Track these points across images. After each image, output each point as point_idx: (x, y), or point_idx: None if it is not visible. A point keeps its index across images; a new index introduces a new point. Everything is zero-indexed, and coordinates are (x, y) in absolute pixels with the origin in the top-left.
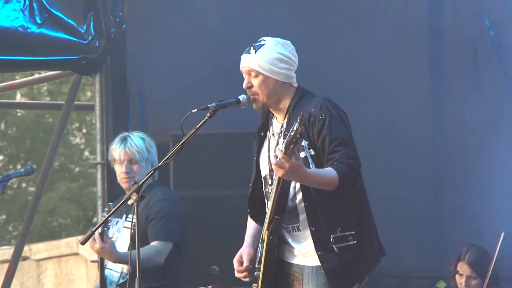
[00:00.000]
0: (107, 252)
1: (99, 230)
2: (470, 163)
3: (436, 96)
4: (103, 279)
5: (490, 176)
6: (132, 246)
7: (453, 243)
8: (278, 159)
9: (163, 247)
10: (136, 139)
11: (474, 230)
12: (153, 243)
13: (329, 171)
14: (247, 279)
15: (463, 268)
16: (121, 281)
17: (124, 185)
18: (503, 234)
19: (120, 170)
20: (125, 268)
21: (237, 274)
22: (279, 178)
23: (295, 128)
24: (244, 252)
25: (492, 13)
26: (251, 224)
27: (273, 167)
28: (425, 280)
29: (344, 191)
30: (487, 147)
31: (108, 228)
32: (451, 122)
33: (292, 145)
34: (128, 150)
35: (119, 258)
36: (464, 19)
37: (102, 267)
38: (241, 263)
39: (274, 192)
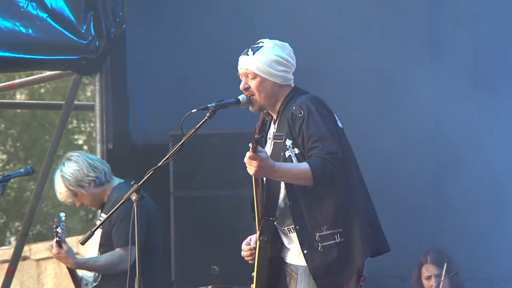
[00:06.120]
0: (63, 258)
1: (56, 237)
2: (471, 165)
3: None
4: (77, 282)
5: (490, 177)
6: (100, 249)
7: (453, 243)
8: (245, 158)
9: (127, 253)
10: (60, 175)
11: (474, 231)
12: (117, 250)
13: (301, 165)
14: (250, 259)
15: (429, 269)
16: (94, 283)
17: (94, 208)
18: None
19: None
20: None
21: (243, 253)
22: (255, 180)
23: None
24: (253, 236)
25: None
26: None
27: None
28: None
29: (323, 185)
30: (488, 148)
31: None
32: (451, 121)
33: (254, 145)
34: (62, 194)
35: (77, 264)
36: (464, 19)
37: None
38: (249, 244)
39: (254, 193)
